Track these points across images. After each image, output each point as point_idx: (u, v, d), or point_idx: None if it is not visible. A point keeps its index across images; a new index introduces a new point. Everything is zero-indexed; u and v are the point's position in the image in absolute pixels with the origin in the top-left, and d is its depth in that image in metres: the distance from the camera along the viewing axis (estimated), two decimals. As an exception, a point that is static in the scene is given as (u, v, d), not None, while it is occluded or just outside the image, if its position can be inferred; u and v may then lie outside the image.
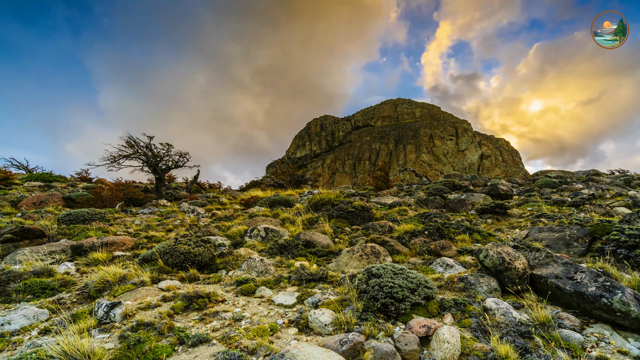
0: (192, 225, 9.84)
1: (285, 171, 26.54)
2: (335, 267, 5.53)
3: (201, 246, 5.81)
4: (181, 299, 3.80)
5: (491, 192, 11.68)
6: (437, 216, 8.71)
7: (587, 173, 16.73)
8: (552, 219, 7.64)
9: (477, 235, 6.78)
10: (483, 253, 4.49)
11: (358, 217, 8.99)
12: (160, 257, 5.32)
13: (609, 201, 9.41)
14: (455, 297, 3.97)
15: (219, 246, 7.06)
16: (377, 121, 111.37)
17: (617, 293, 3.38)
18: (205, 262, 5.63)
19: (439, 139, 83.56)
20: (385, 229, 7.68)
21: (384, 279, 3.80)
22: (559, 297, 3.88)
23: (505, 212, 9.03)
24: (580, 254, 5.55)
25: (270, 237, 7.46)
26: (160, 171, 17.05)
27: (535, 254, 4.61)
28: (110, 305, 3.48)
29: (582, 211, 8.37)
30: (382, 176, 16.55)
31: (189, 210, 12.79)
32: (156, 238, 7.86)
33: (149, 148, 16.71)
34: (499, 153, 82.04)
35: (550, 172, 17.69)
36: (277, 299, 4.03)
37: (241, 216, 11.06)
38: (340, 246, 6.62)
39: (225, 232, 8.56)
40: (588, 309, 3.55)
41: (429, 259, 5.59)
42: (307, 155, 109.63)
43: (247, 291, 4.27)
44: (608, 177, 14.70)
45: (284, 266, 5.58)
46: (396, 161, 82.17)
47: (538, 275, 4.17)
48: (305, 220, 8.97)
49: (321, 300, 3.88)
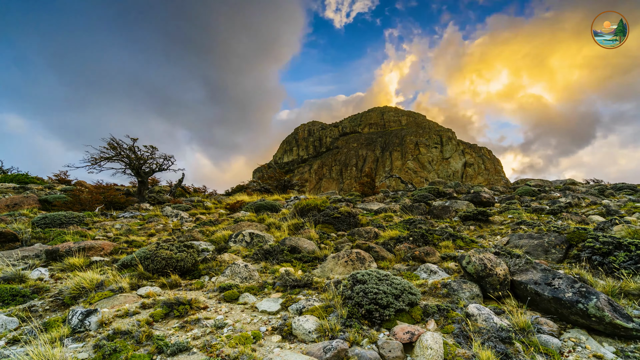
0: (175, 230, 9.62)
1: (272, 176, 26.41)
2: (321, 273, 5.50)
3: (184, 251, 5.68)
4: (161, 306, 3.68)
5: (474, 199, 11.94)
6: (422, 222, 8.82)
7: (564, 182, 17.35)
8: (531, 226, 7.86)
9: (460, 242, 6.90)
10: (466, 259, 4.56)
11: (344, 222, 9.00)
12: (140, 262, 5.17)
13: (585, 209, 9.78)
14: (438, 303, 4.01)
15: (203, 251, 6.92)
16: (364, 128, 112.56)
17: (592, 299, 3.48)
18: (188, 267, 5.50)
19: (424, 147, 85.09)
20: (371, 235, 7.71)
21: (369, 285, 3.80)
22: (538, 302, 3.97)
23: (487, 219, 9.23)
24: (558, 260, 5.72)
25: (256, 243, 7.36)
26: (144, 174, 16.65)
27: (516, 261, 4.72)
28: (86, 313, 3.34)
29: (559, 219, 8.66)
30: (369, 182, 16.68)
31: (172, 215, 12.51)
32: (137, 243, 7.64)
33: (132, 150, 16.31)
34: (481, 161, 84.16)
35: (529, 181, 18.25)
36: (261, 306, 3.97)
37: (226, 221, 10.89)
38: (325, 252, 6.60)
39: (209, 237, 8.41)
40: (565, 314, 3.65)
41: (414, 265, 5.64)
42: (294, 160, 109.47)
43: (230, 298, 4.19)
44: (584, 187, 15.29)
45: (269, 272, 5.51)
46: (382, 168, 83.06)
47: (518, 281, 4.27)
48: (291, 226, 8.91)
49: (305, 306, 3.84)
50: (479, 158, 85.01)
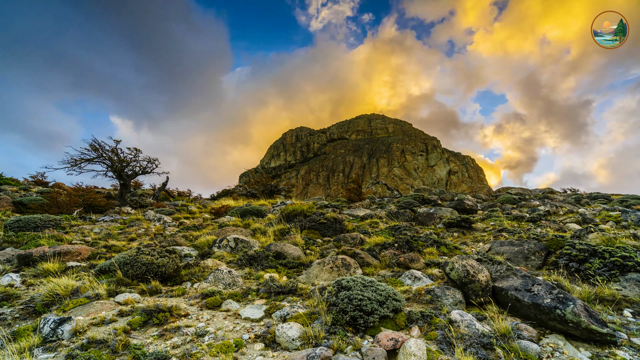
0: (158, 235, 9.38)
1: (259, 181, 26.21)
2: (306, 279, 5.46)
3: (166, 257, 5.53)
4: (140, 313, 3.56)
5: (458, 206, 12.16)
6: (407, 229, 8.91)
7: (544, 191, 17.93)
8: (512, 234, 8.06)
9: (444, 248, 6.99)
10: (449, 266, 4.62)
11: (330, 228, 9.00)
12: (119, 268, 5.00)
13: (562, 217, 10.11)
14: (422, 309, 4.04)
15: (185, 257, 6.77)
16: (351, 134, 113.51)
17: (570, 305, 3.58)
18: (169, 273, 5.36)
19: (410, 154, 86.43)
20: (357, 241, 7.73)
21: (354, 292, 3.79)
22: (518, 308, 4.05)
23: (470, 226, 9.41)
24: (537, 267, 5.87)
25: (240, 248, 7.26)
26: (126, 177, 16.22)
27: (497, 267, 4.81)
28: (59, 321, 3.19)
29: (538, 226, 8.91)
30: (355, 188, 16.77)
31: (154, 219, 12.21)
32: (116, 247, 7.40)
33: (115, 152, 15.90)
34: (465, 170, 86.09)
35: (511, 189, 18.77)
36: (244, 313, 3.89)
37: (210, 226, 10.70)
38: (311, 258, 6.56)
39: (192, 242, 8.24)
40: (544, 320, 3.74)
41: (398, 272, 5.68)
42: (281, 165, 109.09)
43: (212, 304, 4.09)
44: (561, 195, 15.83)
45: (253, 278, 5.43)
46: (369, 174, 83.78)
47: (499, 288, 4.35)
48: (277, 231, 8.84)
49: (290, 313, 3.79)
50: (462, 166, 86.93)
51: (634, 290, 4.55)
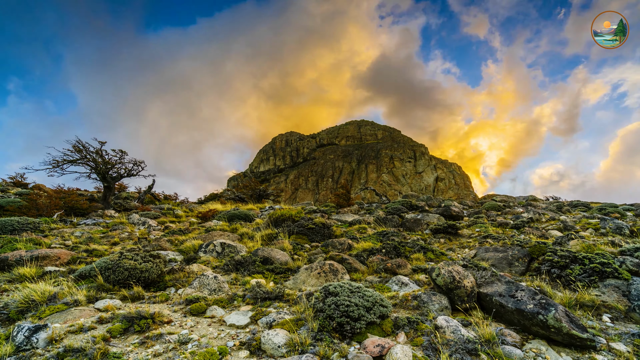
0: (142, 239, 9.16)
1: (247, 185, 26.01)
2: (293, 285, 5.41)
3: (149, 261, 5.40)
4: (120, 320, 3.45)
5: (444, 213, 12.33)
6: (395, 235, 8.97)
7: (527, 198, 18.38)
8: (497, 240, 8.21)
9: (430, 254, 7.06)
10: (436, 272, 4.66)
11: (318, 234, 8.97)
12: (100, 273, 4.85)
13: (545, 224, 10.37)
14: (409, 315, 4.05)
15: (170, 262, 6.62)
16: (341, 140, 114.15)
17: (551, 310, 3.66)
18: (153, 279, 5.23)
19: (398, 161, 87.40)
20: (345, 247, 7.73)
21: (341, 298, 3.78)
22: (503, 314, 4.11)
23: (456, 232, 9.55)
24: (521, 273, 5.99)
25: (227, 253, 7.15)
26: (110, 179, 15.85)
27: (482, 273, 4.88)
28: (33, 329, 3.06)
29: (522, 233, 9.11)
30: (344, 194, 16.81)
31: (139, 222, 11.93)
32: (98, 252, 7.18)
33: (99, 154, 15.53)
34: (452, 176, 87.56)
35: (495, 197, 19.17)
36: (230, 319, 3.82)
37: (197, 230, 10.53)
38: (298, 263, 6.52)
39: (178, 246, 8.07)
40: (527, 325, 3.80)
41: (385, 277, 5.69)
42: (270, 170, 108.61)
43: (197, 311, 4.01)
44: (544, 203, 16.26)
45: (239, 284, 5.35)
46: (358, 180, 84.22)
47: (484, 293, 4.41)
48: (265, 236, 8.76)
49: (276, 320, 3.74)
50: (449, 173, 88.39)
51: (612, 296, 4.68)
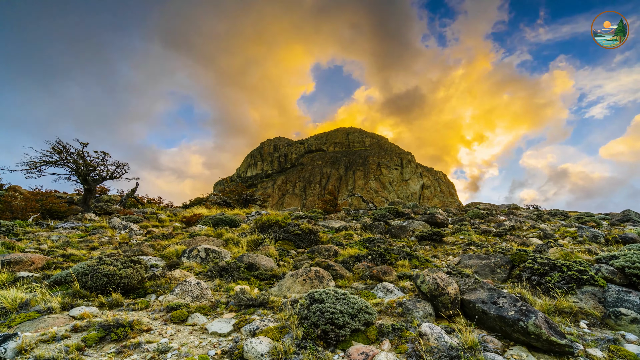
0: (122, 244, 8.89)
1: (234, 190, 25.73)
2: (278, 292, 5.34)
3: (130, 267, 5.24)
4: (97, 328, 3.32)
5: (430, 220, 12.49)
6: (381, 241, 9.01)
7: (509, 207, 18.85)
8: (480, 247, 8.36)
9: (415, 261, 7.12)
10: (420, 279, 4.70)
11: (305, 240, 8.93)
12: (77, 279, 4.67)
13: (525, 232, 10.64)
14: (393, 322, 4.05)
15: (151, 267, 6.45)
16: (329, 146, 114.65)
17: (532, 317, 3.73)
18: (133, 285, 5.07)
19: (385, 168, 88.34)
20: (331, 253, 7.71)
21: (326, 305, 3.75)
22: (485, 320, 4.17)
23: (441, 239, 9.68)
24: (503, 280, 6.11)
25: (211, 259, 7.02)
26: (92, 182, 15.39)
27: (466, 280, 4.95)
28: (2, 338, 2.91)
29: (504, 241, 9.32)
30: (331, 200, 16.83)
31: (120, 227, 11.60)
32: (75, 257, 6.93)
33: (80, 155, 15.08)
34: (437, 184, 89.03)
35: (479, 205, 19.59)
36: (212, 327, 3.73)
37: (181, 235, 10.30)
38: (284, 269, 6.45)
39: (160, 251, 7.87)
40: (508, 332, 3.86)
41: (371, 284, 5.69)
42: (258, 174, 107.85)
43: (178, 318, 3.90)
44: (525, 211, 16.70)
45: (223, 290, 5.24)
46: (345, 186, 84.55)
47: (467, 300, 4.46)
48: (250, 242, 8.65)
49: (259, 327, 3.68)
50: (435, 181, 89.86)
51: (589, 302, 4.82)
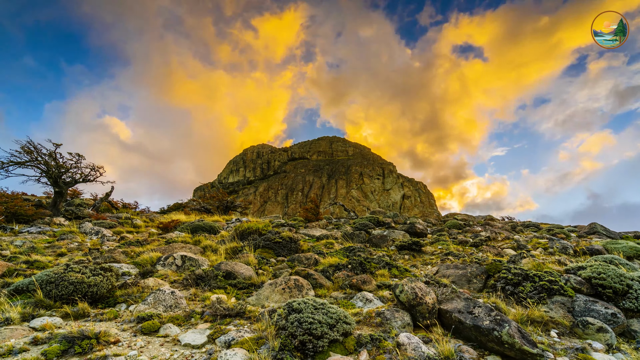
0: (93, 250, 8.48)
1: (214, 196, 25.25)
2: (256, 301, 5.23)
3: (99, 275, 4.99)
4: (59, 340, 3.12)
5: (409, 230, 12.67)
6: (361, 250, 9.03)
7: (485, 218, 19.43)
8: (457, 257, 8.53)
9: (395, 271, 7.17)
10: (399, 288, 4.73)
11: (285, 248, 8.83)
12: (40, 287, 4.39)
13: (500, 243, 10.97)
14: (371, 332, 4.04)
15: (123, 275, 6.17)
16: (312, 155, 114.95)
17: (505, 326, 3.82)
18: (102, 294, 4.82)
19: (368, 177, 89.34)
20: (311, 262, 7.65)
21: (304, 315, 3.70)
22: (461, 330, 4.22)
23: (420, 249, 9.81)
24: (479, 289, 6.24)
25: (187, 267, 6.80)
26: (63, 184, 14.70)
27: (443, 290, 5.02)
28: (-49, 352, 2.68)
29: (480, 251, 9.56)
30: (313, 208, 16.80)
31: (92, 232, 11.09)
32: (40, 263, 6.54)
33: (52, 157, 14.39)
34: (417, 195, 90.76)
35: (457, 215, 20.09)
36: (185, 338, 3.59)
37: (156, 241, 9.95)
38: (263, 278, 6.34)
39: (134, 259, 7.56)
40: (484, 341, 3.93)
41: (350, 293, 5.67)
42: (239, 181, 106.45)
43: (149, 329, 3.72)
44: (500, 223, 17.26)
45: (199, 299, 5.07)
46: (327, 195, 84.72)
47: (444, 310, 4.52)
48: (229, 249, 8.46)
49: (235, 338, 3.57)
50: (415, 191, 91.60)
51: (559, 312, 5.00)
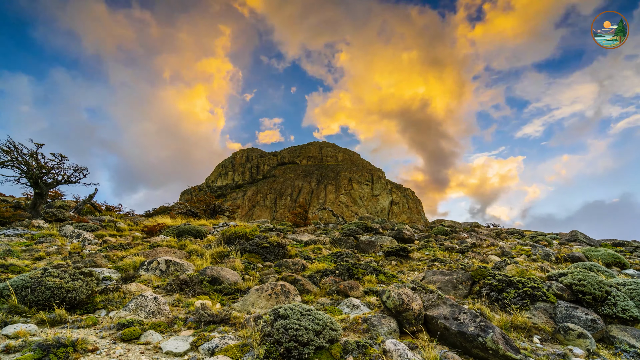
0: (73, 254, 8.21)
1: (202, 199, 24.93)
2: (241, 307, 5.14)
3: (79, 279, 4.83)
4: (33, 348, 2.99)
5: (397, 235, 12.75)
6: (349, 256, 9.03)
7: (471, 225, 19.75)
8: (444, 263, 8.62)
9: (382, 277, 7.18)
10: (386, 294, 4.73)
11: (272, 253, 8.74)
12: (15, 292, 4.22)
13: (485, 249, 11.15)
14: (358, 339, 4.02)
15: (104, 280, 5.99)
16: (302, 160, 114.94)
17: (490, 332, 3.86)
18: (81, 299, 4.67)
19: (356, 183, 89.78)
20: (299, 267, 7.60)
21: (291, 321, 3.65)
22: (447, 336, 4.25)
23: (407, 255, 9.88)
24: (464, 295, 6.31)
25: (172, 272, 6.65)
26: (44, 185, 14.25)
27: (429, 296, 5.05)
28: None
29: (466, 257, 9.69)
30: (302, 213, 16.75)
31: (73, 235, 10.76)
32: (16, 267, 6.29)
33: (34, 157, 13.95)
34: (405, 201, 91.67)
35: (444, 222, 20.35)
36: (167, 346, 3.49)
37: (140, 245, 9.71)
38: (249, 284, 6.25)
39: (116, 263, 7.35)
40: (468, 347, 3.96)
41: (337, 299, 5.65)
42: (228, 185, 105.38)
43: (129, 336, 3.61)
44: (485, 229, 17.57)
45: (182, 305, 4.96)
46: (316, 200, 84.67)
47: (430, 316, 4.55)
48: (215, 254, 8.33)
49: (219, 345, 3.49)
50: (403, 198, 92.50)
51: (542, 318, 5.09)
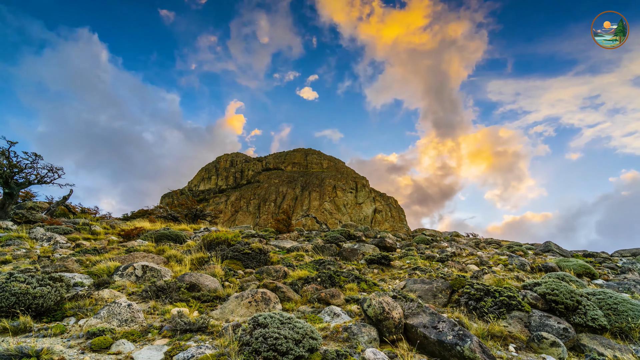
0: (43, 257, 7.82)
1: (183, 203, 24.39)
2: (220, 315, 5.02)
3: (48, 285, 4.59)
4: (-7, 359, 2.80)
5: (379, 244, 12.85)
6: (331, 264, 9.01)
7: (451, 234, 20.16)
8: (424, 272, 8.73)
9: (364, 285, 7.20)
10: (367, 302, 4.74)
11: (254, 259, 8.62)
12: (-24, 298, 3.96)
13: (465, 259, 11.39)
14: (338, 347, 3.99)
15: (75, 286, 5.72)
16: (287, 166, 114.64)
17: (467, 341, 3.92)
18: (49, 306, 4.43)
19: (341, 191, 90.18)
20: (280, 274, 7.51)
21: (270, 330, 3.59)
22: (426, 345, 4.28)
23: (389, 263, 9.95)
24: (444, 304, 6.39)
25: (148, 278, 6.43)
26: (15, 185, 13.57)
27: (410, 304, 5.09)
28: None
29: (446, 266, 9.86)
30: (285, 219, 16.64)
31: (43, 238, 10.25)
32: (-21, 272, 5.91)
33: (5, 155, 13.29)
34: (388, 209, 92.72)
35: (425, 231, 20.69)
36: (139, 356, 3.35)
37: (116, 250, 9.36)
38: (229, 291, 6.12)
39: (89, 268, 7.05)
40: (447, 356, 4.00)
41: (318, 307, 5.61)
42: (211, 189, 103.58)
43: (99, 346, 3.45)
44: (464, 239, 17.97)
45: (158, 313, 4.79)
46: (300, 206, 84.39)
47: (410, 325, 4.58)
48: (195, 260, 8.13)
49: (195, 355, 3.39)
50: (387, 206, 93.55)
51: (517, 326, 5.22)
